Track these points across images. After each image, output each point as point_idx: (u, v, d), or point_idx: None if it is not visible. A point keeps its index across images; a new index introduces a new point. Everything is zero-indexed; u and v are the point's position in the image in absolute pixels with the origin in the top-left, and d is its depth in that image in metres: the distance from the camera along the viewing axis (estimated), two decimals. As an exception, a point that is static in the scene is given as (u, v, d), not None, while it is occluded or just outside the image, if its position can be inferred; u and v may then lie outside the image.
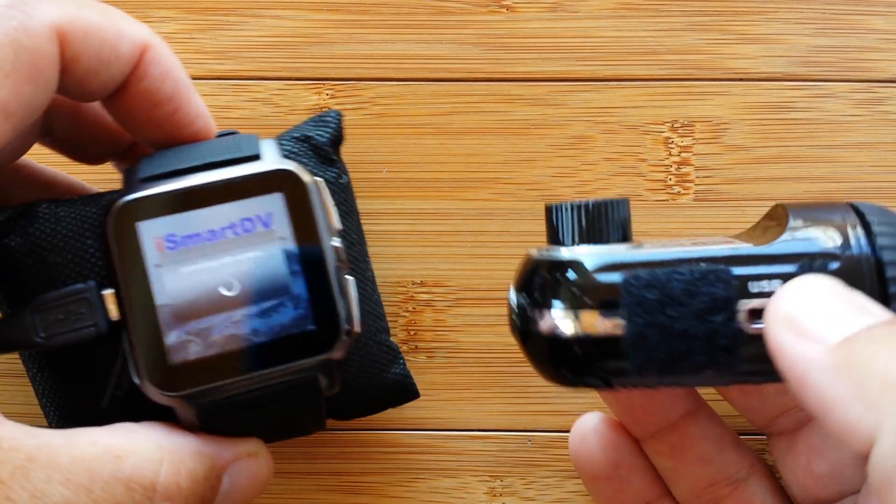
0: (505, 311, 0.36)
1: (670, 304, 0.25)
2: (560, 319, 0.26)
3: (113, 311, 0.27)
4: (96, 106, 0.31)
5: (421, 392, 0.35)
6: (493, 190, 0.36)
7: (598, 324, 0.25)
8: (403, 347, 0.36)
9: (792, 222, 0.26)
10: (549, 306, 0.26)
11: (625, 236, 0.27)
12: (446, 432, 0.36)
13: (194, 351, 0.27)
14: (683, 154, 0.36)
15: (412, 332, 0.36)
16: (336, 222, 0.29)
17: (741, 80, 0.37)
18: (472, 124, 0.37)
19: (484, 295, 0.36)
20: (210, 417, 0.27)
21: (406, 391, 0.34)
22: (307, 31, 0.37)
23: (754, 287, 0.25)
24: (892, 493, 0.20)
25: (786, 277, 0.25)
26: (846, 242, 0.26)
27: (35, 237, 0.28)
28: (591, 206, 0.27)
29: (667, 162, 0.36)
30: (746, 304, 0.25)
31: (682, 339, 0.25)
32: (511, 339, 0.36)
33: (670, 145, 0.37)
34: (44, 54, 0.25)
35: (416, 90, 0.37)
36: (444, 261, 0.36)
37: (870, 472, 0.21)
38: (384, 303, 0.36)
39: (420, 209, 0.36)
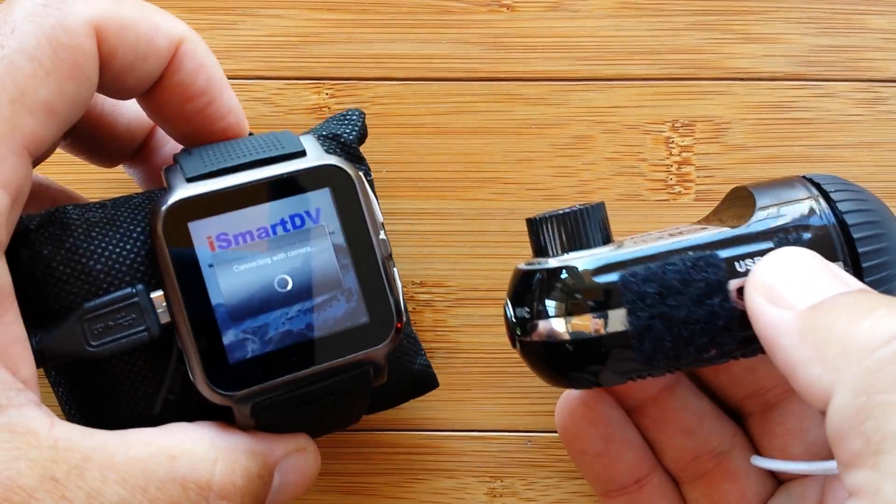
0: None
1: (669, 294, 0.26)
2: (563, 326, 0.27)
3: (164, 314, 0.26)
4: (112, 104, 0.31)
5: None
6: (493, 190, 0.36)
7: (602, 324, 0.26)
8: (403, 347, 0.36)
9: (760, 202, 0.28)
10: (549, 315, 0.27)
11: (606, 238, 0.28)
12: (446, 433, 0.36)
13: (252, 349, 0.27)
14: (684, 154, 0.36)
15: (412, 333, 0.36)
16: (379, 216, 0.29)
17: (742, 79, 0.37)
18: (472, 124, 0.37)
19: (484, 295, 0.36)
20: (266, 415, 0.27)
21: (429, 381, 0.34)
22: (307, 31, 0.37)
23: (741, 266, 0.26)
24: (844, 444, 0.22)
25: (766, 253, 0.26)
26: (813, 214, 0.27)
27: (70, 244, 0.27)
28: (570, 215, 0.28)
29: (667, 161, 0.36)
30: (736, 284, 0.26)
31: (685, 325, 0.26)
32: (511, 340, 0.36)
33: (671, 145, 0.36)
34: (83, 51, 0.25)
35: (416, 90, 0.37)
36: (444, 261, 0.36)
37: (827, 428, 0.22)
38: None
39: (420, 209, 0.36)
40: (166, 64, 0.27)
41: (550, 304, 0.27)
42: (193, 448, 0.25)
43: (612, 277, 0.26)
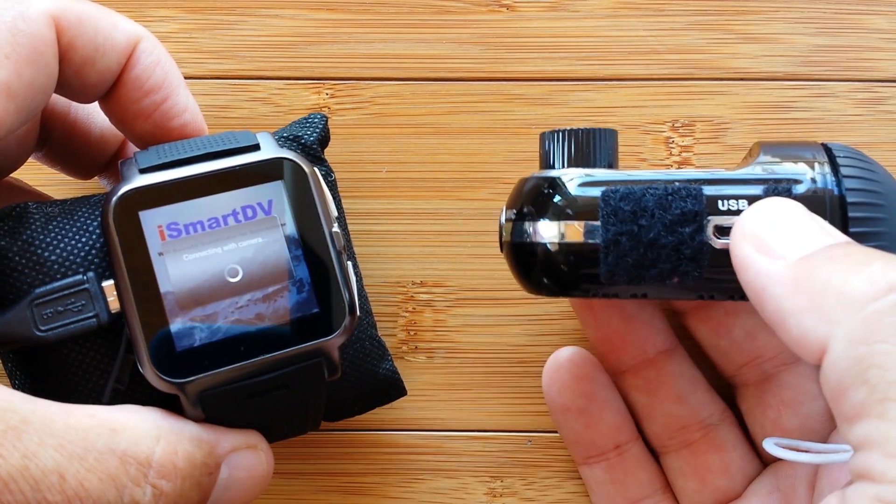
0: (505, 311, 0.36)
1: (643, 214, 0.27)
2: (545, 230, 0.28)
3: (114, 303, 0.27)
4: (86, 111, 0.32)
5: (421, 392, 0.35)
6: (493, 190, 0.36)
7: (578, 233, 0.28)
8: (403, 347, 0.36)
9: (762, 156, 0.28)
10: (536, 218, 0.28)
11: (611, 164, 0.29)
12: (446, 433, 0.36)
13: (200, 337, 0.27)
14: (684, 154, 0.36)
15: (412, 332, 0.36)
16: (333, 210, 0.29)
17: (742, 79, 0.37)
18: (472, 124, 0.37)
19: (484, 295, 0.36)
20: (214, 405, 0.27)
21: (395, 388, 0.34)
22: (306, 31, 0.37)
23: (723, 205, 0.27)
24: (846, 396, 0.22)
25: (752, 199, 0.27)
26: (813, 177, 0.27)
27: (27, 236, 0.27)
28: (580, 133, 0.29)
29: (667, 161, 0.36)
30: (715, 220, 0.27)
31: (651, 247, 0.27)
32: (512, 339, 0.36)
33: (671, 145, 0.36)
34: (41, 37, 0.26)
35: (415, 89, 0.37)
36: (444, 261, 0.36)
37: (823, 383, 0.22)
38: (384, 303, 0.36)
39: (420, 209, 0.36)
40: (125, 59, 0.28)
41: (534, 208, 0.28)
42: (136, 425, 0.25)
43: (595, 192, 0.28)
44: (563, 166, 0.29)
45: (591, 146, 0.29)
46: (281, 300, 0.28)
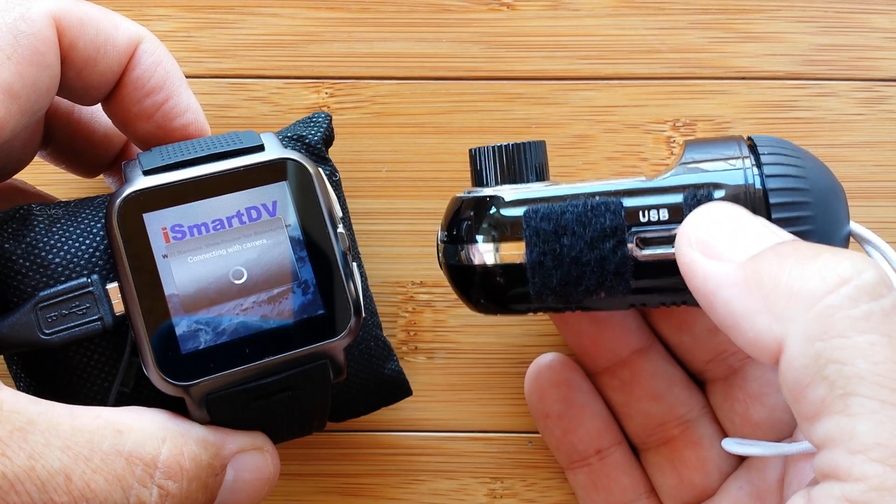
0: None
1: (564, 233, 0.27)
2: (475, 252, 0.28)
3: (118, 305, 0.27)
4: (90, 111, 0.32)
5: (421, 393, 0.35)
6: (493, 189, 0.36)
7: (506, 254, 0.28)
8: (403, 348, 0.36)
9: (685, 157, 0.28)
10: (467, 241, 0.28)
11: (541, 176, 0.29)
12: (446, 434, 0.36)
13: (205, 340, 0.27)
14: (685, 153, 0.36)
15: (412, 333, 0.36)
16: (338, 210, 0.29)
17: (743, 78, 0.36)
18: (472, 123, 0.36)
19: (484, 295, 0.36)
20: (219, 407, 0.27)
21: (400, 388, 0.34)
22: (306, 30, 0.37)
23: (644, 216, 0.27)
24: (805, 395, 0.21)
25: (672, 207, 0.27)
26: (735, 174, 0.27)
27: (31, 238, 0.27)
28: (509, 148, 0.29)
29: (669, 161, 0.36)
30: (637, 232, 0.27)
31: (574, 264, 0.27)
32: (512, 340, 0.36)
33: (672, 144, 0.36)
34: (43, 38, 0.26)
35: (415, 89, 0.37)
36: (444, 261, 0.36)
37: (782, 383, 0.22)
38: (383, 303, 0.36)
39: (420, 209, 0.36)
40: (126, 60, 0.28)
41: (463, 230, 0.29)
42: (142, 426, 0.25)
43: (518, 212, 0.28)
44: (494, 182, 0.29)
45: (520, 161, 0.29)
46: (286, 302, 0.27)
